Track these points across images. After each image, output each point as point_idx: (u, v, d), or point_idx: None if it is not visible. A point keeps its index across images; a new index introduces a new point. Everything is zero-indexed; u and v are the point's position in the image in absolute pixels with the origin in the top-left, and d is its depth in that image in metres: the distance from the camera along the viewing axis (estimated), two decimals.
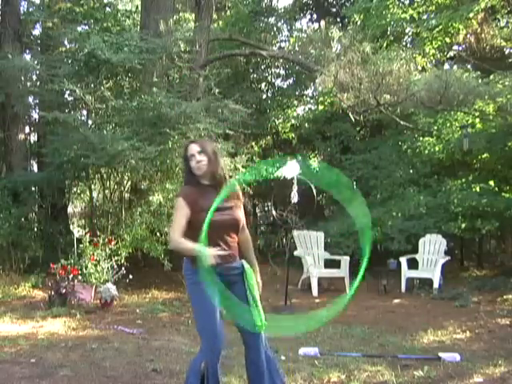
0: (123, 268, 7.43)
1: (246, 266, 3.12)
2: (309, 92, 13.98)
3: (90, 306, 6.92)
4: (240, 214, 3.16)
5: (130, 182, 9.36)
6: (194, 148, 3.05)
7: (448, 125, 10.00)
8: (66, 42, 10.73)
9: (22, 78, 10.56)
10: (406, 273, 8.68)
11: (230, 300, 2.98)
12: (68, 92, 9.21)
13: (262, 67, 13.46)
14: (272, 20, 13.95)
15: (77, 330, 5.69)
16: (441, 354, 4.56)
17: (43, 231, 9.82)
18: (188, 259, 3.06)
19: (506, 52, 11.90)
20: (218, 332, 3.00)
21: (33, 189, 10.15)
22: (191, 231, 2.94)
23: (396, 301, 7.95)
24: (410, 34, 11.70)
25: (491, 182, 9.50)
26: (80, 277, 7.08)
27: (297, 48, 12.17)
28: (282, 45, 14.05)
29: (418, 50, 10.17)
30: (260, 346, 3.10)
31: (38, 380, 3.94)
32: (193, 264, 2.97)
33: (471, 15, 9.53)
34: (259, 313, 3.04)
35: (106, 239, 7.61)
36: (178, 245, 2.97)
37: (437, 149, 10.02)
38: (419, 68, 9.62)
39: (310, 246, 9.26)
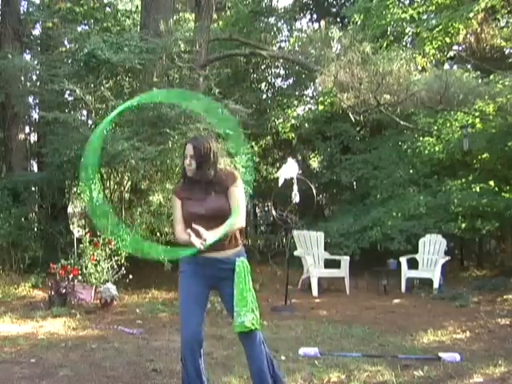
0: (123, 268, 7.42)
1: (239, 263, 3.06)
2: (309, 92, 13.98)
3: (90, 306, 6.92)
4: (220, 202, 3.11)
5: (130, 182, 9.36)
6: (189, 149, 3.16)
7: (448, 125, 10.00)
8: (66, 42, 10.75)
9: (22, 78, 10.59)
10: (406, 273, 8.68)
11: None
12: (68, 92, 9.21)
13: (262, 67, 13.46)
14: (272, 20, 13.94)
15: (77, 330, 5.69)
16: (441, 354, 4.55)
17: (43, 231, 9.81)
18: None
19: (506, 52, 11.90)
20: (186, 321, 3.07)
21: (33, 189, 10.15)
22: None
23: (396, 301, 7.95)
24: (410, 33, 11.68)
25: (491, 182, 9.51)
26: (80, 277, 7.08)
27: (297, 48, 12.15)
28: (282, 45, 14.04)
29: (417, 50, 10.16)
30: (254, 344, 3.10)
31: (37, 380, 3.94)
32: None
33: (471, 15, 9.51)
34: (246, 313, 3.01)
35: (106, 239, 7.60)
36: (178, 235, 3.13)
37: (437, 149, 10.03)
38: (419, 68, 9.62)
39: (309, 245, 9.25)
